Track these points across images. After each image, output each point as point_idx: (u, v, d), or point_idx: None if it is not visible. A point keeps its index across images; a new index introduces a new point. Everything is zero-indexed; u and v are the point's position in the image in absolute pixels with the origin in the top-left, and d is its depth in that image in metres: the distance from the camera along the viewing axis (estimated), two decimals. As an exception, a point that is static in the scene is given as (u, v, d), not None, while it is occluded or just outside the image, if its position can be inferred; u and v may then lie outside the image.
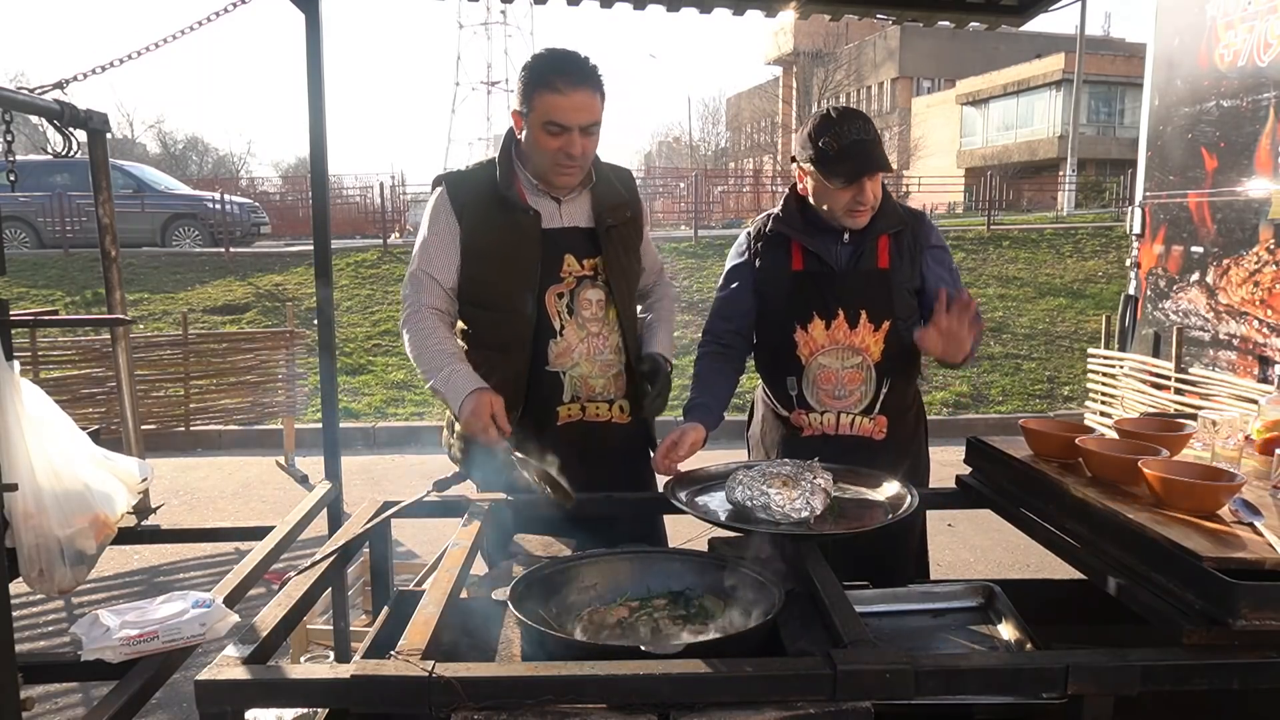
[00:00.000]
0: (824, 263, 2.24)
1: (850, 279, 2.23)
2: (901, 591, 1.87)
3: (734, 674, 1.27)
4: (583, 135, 2.03)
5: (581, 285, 2.16)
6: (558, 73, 2.00)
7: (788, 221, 2.29)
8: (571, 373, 2.16)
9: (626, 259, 2.24)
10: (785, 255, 2.28)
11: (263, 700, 1.31)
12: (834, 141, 2.12)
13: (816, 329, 2.23)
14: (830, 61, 40.10)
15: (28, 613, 4.01)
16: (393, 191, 17.73)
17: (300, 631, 3.18)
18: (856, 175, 2.12)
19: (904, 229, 2.26)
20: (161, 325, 10.07)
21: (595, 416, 2.20)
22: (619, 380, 2.22)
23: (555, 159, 2.06)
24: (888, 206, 2.25)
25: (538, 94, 2.01)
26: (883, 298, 2.23)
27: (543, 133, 2.03)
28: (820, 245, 2.24)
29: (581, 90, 2.01)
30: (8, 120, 2.42)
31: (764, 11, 3.15)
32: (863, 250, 2.24)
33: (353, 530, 1.87)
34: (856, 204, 2.16)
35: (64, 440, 1.95)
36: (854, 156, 2.11)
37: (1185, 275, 5.91)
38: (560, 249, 2.14)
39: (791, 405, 2.30)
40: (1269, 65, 5.11)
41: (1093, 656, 1.33)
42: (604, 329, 2.18)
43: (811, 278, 2.25)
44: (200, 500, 5.88)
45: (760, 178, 28.01)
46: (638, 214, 2.31)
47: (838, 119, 2.15)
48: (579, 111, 2.01)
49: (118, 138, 38.54)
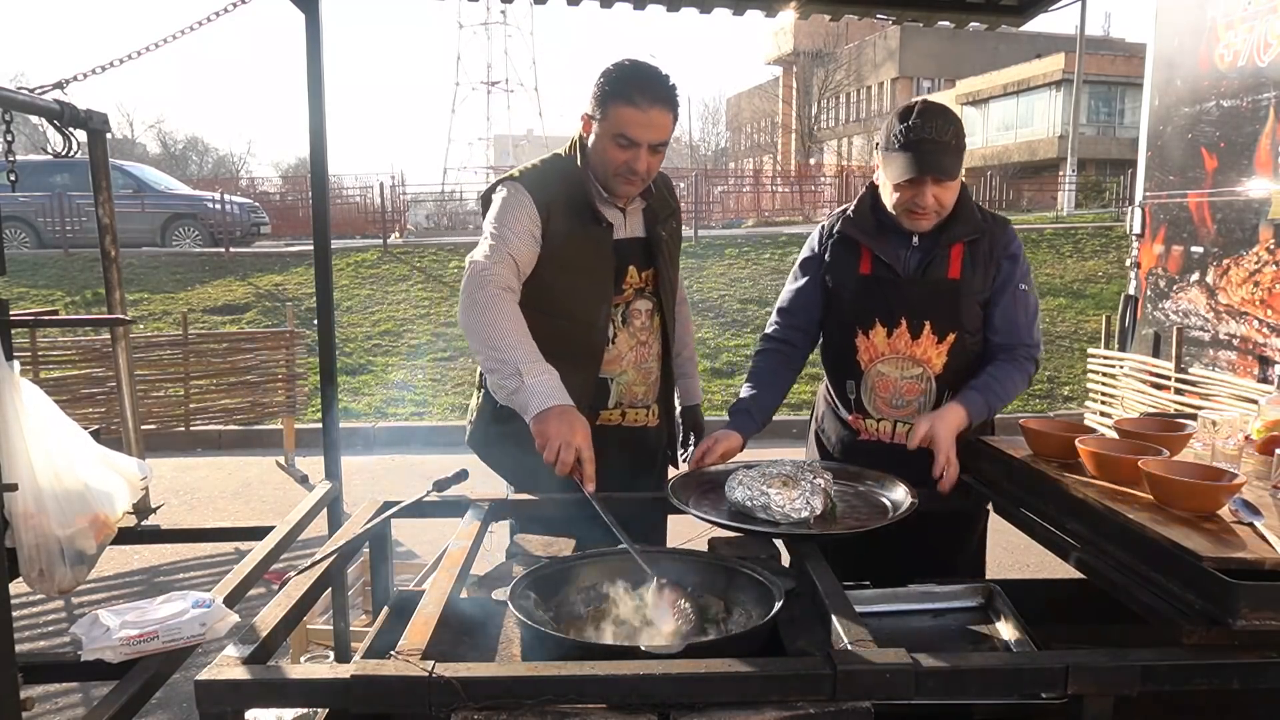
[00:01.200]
0: (891, 268, 2.15)
1: (916, 288, 2.14)
2: (901, 591, 1.87)
3: (734, 674, 1.27)
4: (650, 153, 2.02)
5: (636, 296, 2.18)
6: (638, 87, 1.98)
7: (857, 223, 2.19)
8: (619, 379, 2.18)
9: (672, 270, 2.26)
10: (855, 256, 2.20)
11: (263, 700, 1.30)
12: (905, 133, 2.02)
13: (878, 335, 2.17)
14: (830, 61, 40.14)
15: (28, 613, 4.01)
16: (393, 191, 17.73)
17: (300, 631, 3.18)
18: (912, 173, 2.01)
19: (980, 237, 2.15)
20: (161, 325, 10.07)
21: (633, 422, 2.23)
22: (656, 386, 2.27)
23: (619, 171, 2.03)
24: (964, 213, 2.14)
25: (614, 104, 1.99)
26: (949, 309, 2.14)
27: (612, 143, 2.01)
28: (887, 250, 2.15)
29: (658, 108, 1.99)
30: (8, 120, 2.42)
31: (764, 11, 3.15)
32: (933, 258, 2.13)
33: (353, 530, 1.87)
34: (914, 205, 2.06)
35: (64, 440, 1.96)
36: (916, 153, 2.00)
37: (1185, 275, 5.91)
38: (625, 261, 2.14)
39: (850, 408, 2.25)
40: (1269, 65, 5.10)
41: (1093, 656, 1.33)
42: (651, 338, 2.21)
43: (877, 283, 2.16)
44: (200, 500, 5.88)
45: (760, 178, 28.01)
46: (680, 223, 2.34)
47: (918, 112, 2.03)
48: (652, 129, 1.99)
49: (118, 138, 38.54)
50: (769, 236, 14.30)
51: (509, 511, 2.05)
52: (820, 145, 43.13)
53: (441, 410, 8.10)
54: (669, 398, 2.34)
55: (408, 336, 10.08)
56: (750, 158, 48.02)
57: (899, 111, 2.07)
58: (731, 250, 12.99)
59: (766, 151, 46.70)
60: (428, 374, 9.04)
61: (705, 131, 48.70)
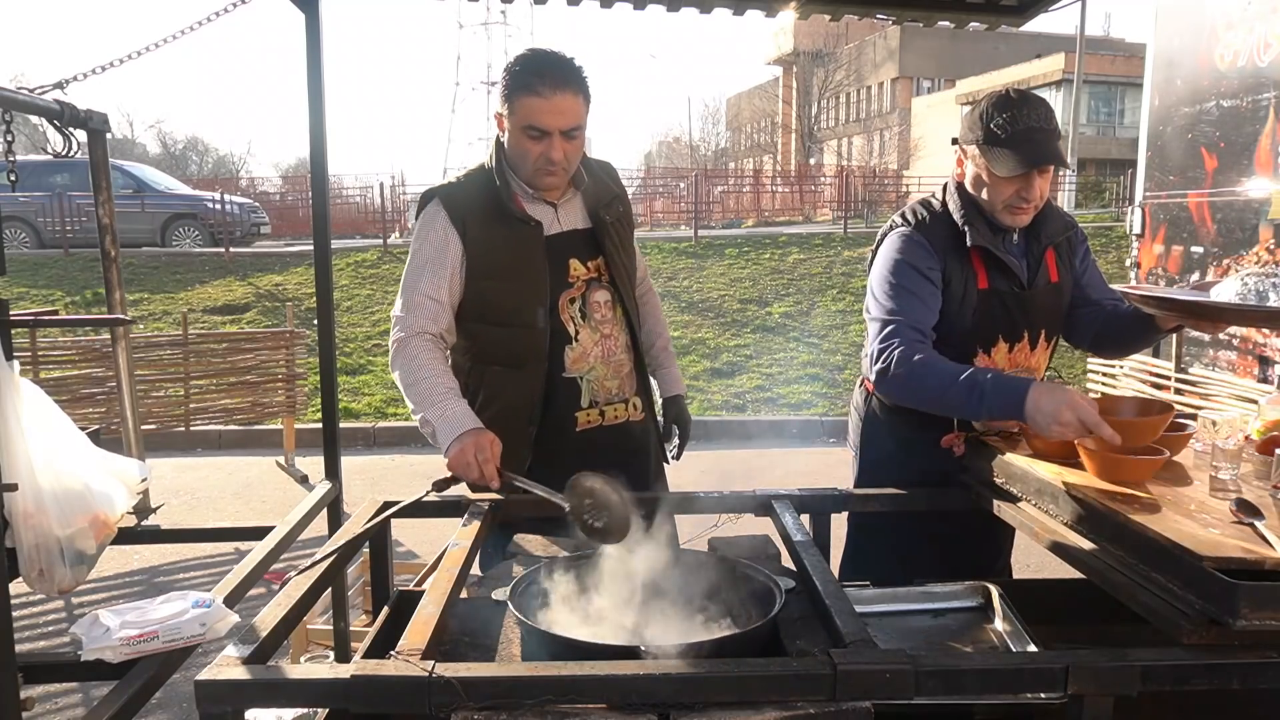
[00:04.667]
0: (1013, 280, 2.04)
1: (1039, 298, 2.06)
2: (901, 591, 1.87)
3: (734, 674, 1.27)
4: (564, 139, 1.98)
5: (590, 288, 2.14)
6: (538, 75, 1.95)
7: (980, 233, 2.01)
8: (588, 376, 2.14)
9: (624, 255, 2.22)
10: (970, 269, 2.04)
11: (263, 700, 1.31)
12: (1009, 125, 1.92)
13: (999, 353, 2.07)
14: (830, 61, 40.14)
15: (28, 613, 4.01)
16: (393, 191, 17.71)
17: (300, 631, 3.18)
18: (1027, 165, 1.91)
19: (1061, 238, 2.12)
20: (161, 325, 10.07)
21: (614, 419, 2.19)
22: (631, 378, 2.22)
23: (537, 163, 2.01)
24: (1052, 210, 2.08)
25: (518, 97, 1.96)
26: (1058, 315, 2.11)
27: (524, 136, 1.99)
28: (1012, 260, 2.04)
29: (563, 93, 1.95)
30: (8, 120, 2.41)
31: (764, 11, 3.14)
32: (1039, 264, 2.07)
33: (353, 530, 1.87)
34: (1021, 199, 1.97)
35: (64, 440, 1.95)
36: (1028, 143, 1.92)
37: (1185, 275, 5.90)
38: (564, 255, 2.11)
39: (942, 428, 2.07)
40: (1269, 65, 5.10)
41: (1093, 656, 1.33)
42: (614, 329, 2.17)
43: (999, 296, 2.04)
44: (200, 500, 5.88)
45: (760, 178, 28.00)
46: (628, 207, 2.30)
47: (1017, 100, 1.95)
48: (560, 115, 1.96)
49: (118, 138, 38.54)
50: (769, 236, 14.30)
51: (509, 511, 2.04)
52: (820, 145, 43.14)
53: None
54: (649, 390, 2.30)
55: (408, 336, 10.07)
56: (750, 158, 48.02)
57: (994, 103, 1.98)
58: (731, 250, 12.99)
59: (766, 151, 46.69)
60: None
61: (705, 131, 48.73)
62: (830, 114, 44.54)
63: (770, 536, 1.92)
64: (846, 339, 9.89)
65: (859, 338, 9.77)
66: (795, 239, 13.87)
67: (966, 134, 2.03)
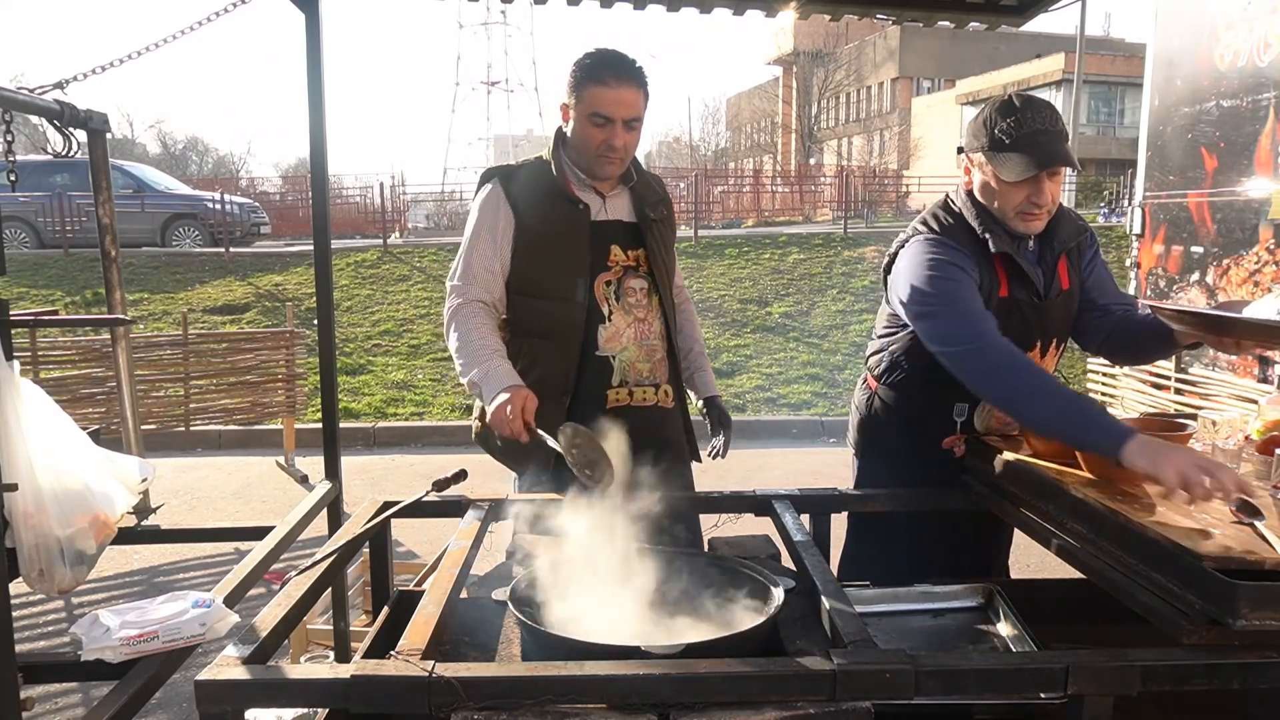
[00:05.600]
0: (1031, 289, 2.03)
1: (1054, 309, 2.06)
2: (901, 591, 1.87)
3: (734, 674, 1.27)
4: (625, 129, 2.14)
5: (627, 274, 2.25)
6: (606, 67, 2.12)
7: (1003, 241, 1.99)
8: (620, 356, 2.22)
9: (665, 254, 2.33)
10: (994, 276, 2.01)
11: (263, 700, 1.31)
12: (1014, 129, 1.90)
13: None
14: (830, 61, 40.15)
15: (28, 613, 4.01)
16: (393, 191, 17.73)
17: (300, 631, 3.18)
18: (1035, 168, 1.88)
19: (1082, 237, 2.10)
20: (161, 325, 10.06)
21: (643, 401, 2.26)
22: (663, 365, 2.30)
23: (599, 150, 2.15)
24: (1064, 214, 2.05)
25: (586, 86, 2.12)
26: (1068, 322, 2.11)
27: (588, 124, 2.13)
28: (1031, 268, 2.02)
29: (627, 86, 2.12)
30: (8, 120, 2.41)
31: (764, 11, 3.14)
32: (1053, 272, 2.05)
33: (353, 530, 1.87)
34: (1032, 205, 1.94)
35: (64, 440, 1.95)
36: (1034, 146, 1.89)
37: (1185, 275, 5.91)
38: (607, 240, 2.24)
39: (943, 429, 2.09)
40: (1269, 65, 5.10)
41: (1093, 656, 1.33)
42: (649, 315, 2.27)
43: (1018, 305, 2.02)
44: (200, 500, 5.88)
45: (760, 178, 28.00)
46: (672, 213, 2.43)
47: (1020, 105, 1.93)
48: (623, 105, 2.12)
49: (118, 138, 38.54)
50: (769, 236, 14.30)
51: (509, 511, 2.04)
52: (820, 145, 43.14)
53: (441, 410, 8.09)
54: (680, 381, 2.36)
55: (408, 336, 10.07)
56: (750, 158, 48.02)
57: (997, 108, 1.96)
58: (731, 250, 12.99)
59: (766, 151, 46.69)
60: (428, 374, 9.04)
61: (705, 131, 48.69)
62: (830, 114, 44.53)
63: (770, 536, 1.93)
64: (846, 339, 9.89)
65: (859, 338, 9.78)
66: (795, 239, 13.86)
67: (971, 142, 2.02)
